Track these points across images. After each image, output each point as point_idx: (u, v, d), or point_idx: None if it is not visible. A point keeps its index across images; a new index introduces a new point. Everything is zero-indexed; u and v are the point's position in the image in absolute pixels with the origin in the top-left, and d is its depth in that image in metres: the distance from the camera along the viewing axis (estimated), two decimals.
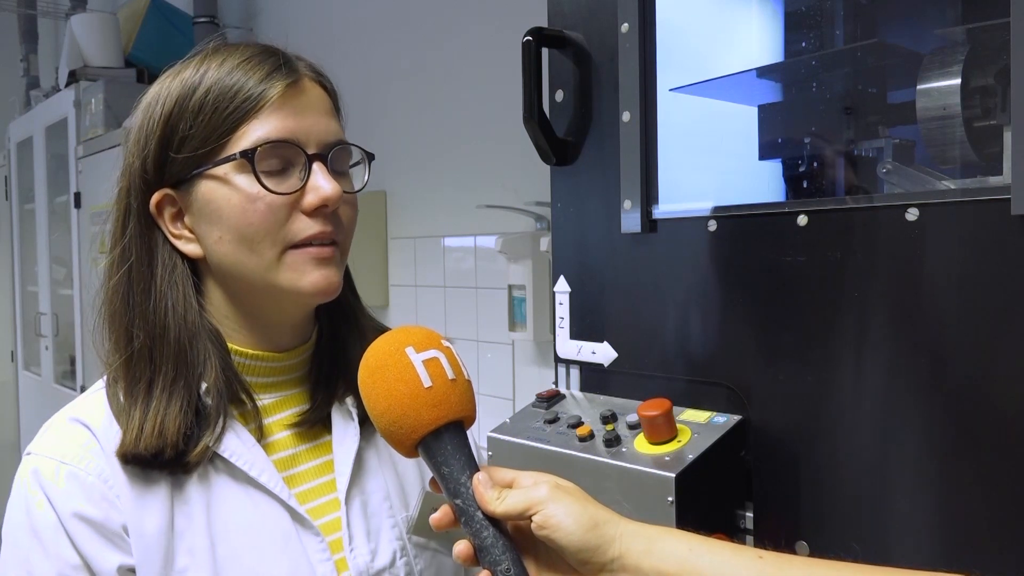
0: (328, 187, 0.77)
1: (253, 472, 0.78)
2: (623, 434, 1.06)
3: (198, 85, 0.77)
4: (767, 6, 1.26)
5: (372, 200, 2.80)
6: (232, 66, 0.77)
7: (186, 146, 0.77)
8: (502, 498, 0.63)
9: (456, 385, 0.66)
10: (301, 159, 0.77)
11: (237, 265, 0.78)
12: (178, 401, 0.76)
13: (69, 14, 3.84)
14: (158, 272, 0.80)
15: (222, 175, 0.76)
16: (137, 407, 0.76)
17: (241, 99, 0.76)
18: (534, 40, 1.20)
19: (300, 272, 0.78)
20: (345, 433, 0.85)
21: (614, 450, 1.05)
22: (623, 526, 0.64)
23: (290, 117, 0.77)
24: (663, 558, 0.62)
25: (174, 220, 0.80)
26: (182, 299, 0.79)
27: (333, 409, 0.86)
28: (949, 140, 0.98)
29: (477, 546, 0.63)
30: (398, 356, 0.66)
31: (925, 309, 0.89)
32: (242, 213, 0.76)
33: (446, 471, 0.65)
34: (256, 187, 0.76)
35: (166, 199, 0.79)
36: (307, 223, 0.77)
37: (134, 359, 0.78)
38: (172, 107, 0.77)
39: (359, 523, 0.83)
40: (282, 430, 0.83)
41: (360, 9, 2.89)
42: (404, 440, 0.66)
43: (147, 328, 0.78)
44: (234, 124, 0.76)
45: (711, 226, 1.08)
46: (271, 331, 0.84)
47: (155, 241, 0.80)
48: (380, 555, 0.83)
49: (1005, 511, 0.84)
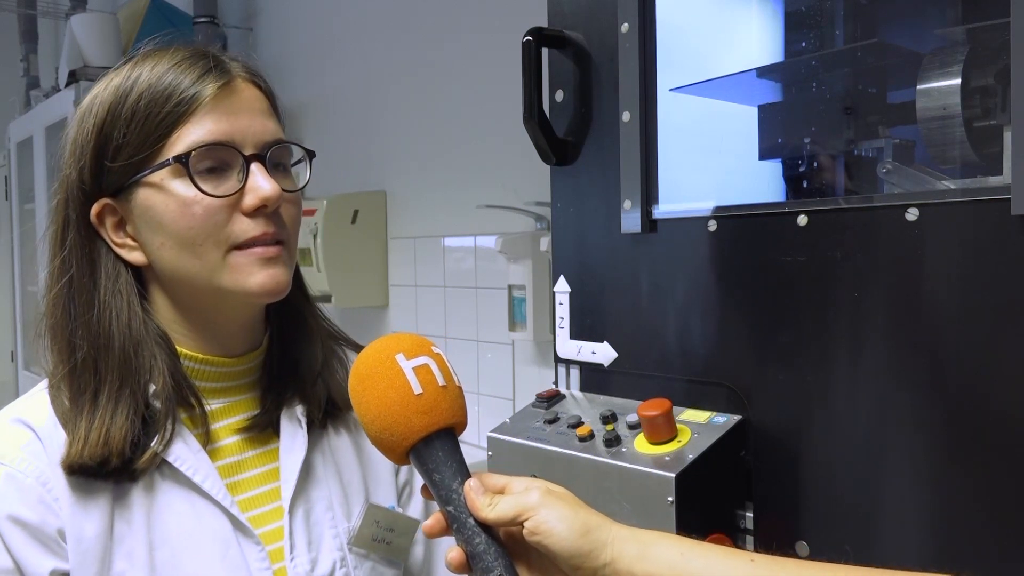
0: (267, 187, 0.76)
1: (196, 478, 0.77)
2: (623, 434, 1.06)
3: (130, 91, 0.76)
4: (767, 6, 1.26)
5: (372, 200, 2.80)
6: (163, 70, 0.76)
7: (121, 154, 0.76)
8: (493, 504, 0.63)
9: (447, 392, 0.66)
10: (238, 160, 0.76)
11: (181, 270, 0.78)
12: (124, 410, 0.75)
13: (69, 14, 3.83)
14: (101, 282, 0.79)
15: (158, 181, 0.76)
16: (83, 417, 0.75)
17: (174, 103, 0.75)
18: (534, 40, 1.20)
19: (246, 273, 0.77)
20: (293, 441, 0.85)
21: (614, 450, 1.05)
22: (615, 531, 0.63)
23: (224, 118, 0.76)
24: (655, 563, 0.62)
25: (116, 229, 0.79)
26: (126, 308, 0.78)
27: (283, 415, 0.85)
28: (949, 140, 0.98)
29: (469, 553, 0.63)
30: (388, 363, 0.66)
31: (925, 309, 0.89)
32: (180, 218, 0.75)
33: (437, 478, 0.65)
34: (192, 191, 0.75)
35: (106, 208, 0.78)
36: (249, 224, 0.77)
37: (78, 370, 0.77)
38: (105, 115, 0.76)
39: (301, 532, 0.82)
40: (229, 435, 0.83)
41: (360, 9, 2.89)
42: (395, 447, 0.66)
43: (90, 339, 0.77)
44: (167, 129, 0.75)
45: (711, 226, 1.08)
46: (220, 335, 0.83)
47: (97, 251, 0.79)
48: (320, 564, 0.82)
49: (1004, 511, 0.84)
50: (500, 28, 2.23)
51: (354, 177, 2.93)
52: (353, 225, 2.74)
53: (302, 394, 0.86)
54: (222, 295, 0.79)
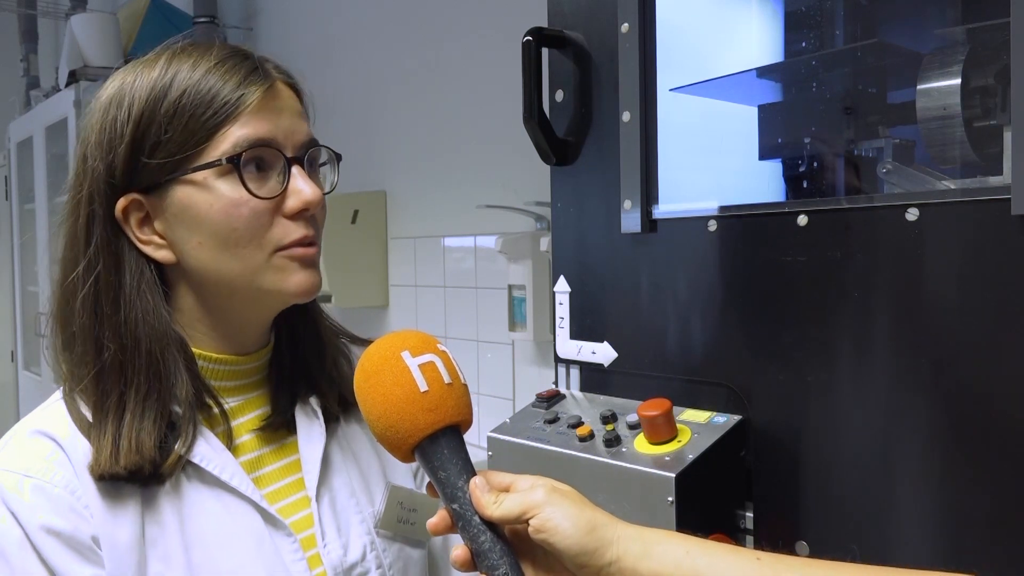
0: (309, 191, 0.77)
1: (224, 476, 0.77)
2: (623, 434, 1.06)
3: (168, 87, 0.75)
4: (767, 6, 1.26)
5: (372, 200, 2.80)
6: (205, 69, 0.76)
7: (160, 151, 0.75)
8: (499, 502, 0.63)
9: (452, 389, 0.66)
10: (280, 162, 0.77)
11: (218, 270, 0.77)
12: (151, 414, 0.75)
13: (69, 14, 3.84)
14: (127, 281, 0.77)
15: (201, 180, 0.75)
16: (109, 423, 0.74)
17: (219, 104, 0.74)
18: (534, 40, 1.20)
19: (286, 274, 0.78)
20: (311, 432, 0.85)
21: (614, 450, 1.05)
22: (620, 529, 0.63)
23: (268, 121, 0.76)
24: (660, 561, 0.62)
25: (140, 225, 0.78)
26: (152, 308, 0.77)
27: (297, 410, 0.86)
28: (949, 140, 0.98)
29: (474, 551, 0.63)
30: (394, 360, 0.66)
31: (925, 309, 0.89)
32: (226, 218, 0.75)
33: (443, 476, 0.65)
34: (239, 192, 0.75)
35: (133, 204, 0.77)
36: (290, 227, 0.77)
37: (105, 372, 0.76)
38: (142, 110, 0.75)
39: (329, 519, 0.83)
40: (246, 433, 0.83)
41: (360, 9, 2.89)
42: (400, 445, 0.66)
43: (118, 340, 0.76)
44: (212, 129, 0.74)
45: (711, 226, 1.08)
46: (239, 334, 0.83)
47: (121, 248, 0.78)
48: (351, 550, 0.83)
49: (1005, 511, 0.84)
50: (500, 28, 2.24)
51: (354, 177, 2.93)
52: (353, 225, 2.74)
53: (316, 389, 0.87)
54: (258, 295, 0.79)
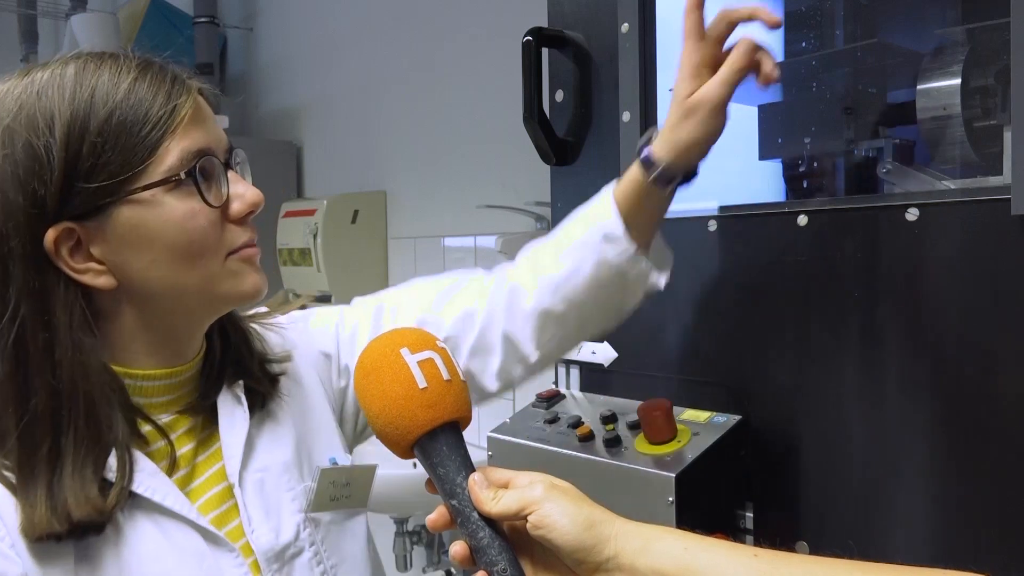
0: (251, 193, 0.78)
1: (157, 497, 0.74)
2: (623, 434, 1.06)
3: (91, 104, 0.71)
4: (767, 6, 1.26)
5: (372, 200, 2.80)
6: (128, 83, 0.72)
7: (99, 174, 0.70)
8: (497, 498, 0.63)
9: (451, 386, 0.66)
10: (217, 170, 0.76)
11: (174, 285, 0.75)
12: (91, 459, 0.70)
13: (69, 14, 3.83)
14: (58, 321, 0.71)
15: (149, 198, 0.72)
16: (40, 477, 0.68)
17: (154, 119, 0.72)
18: (534, 40, 1.20)
19: (240, 277, 0.78)
20: (233, 418, 0.82)
21: (614, 450, 1.05)
22: (619, 525, 0.64)
23: (201, 130, 0.75)
24: (659, 557, 0.62)
25: (72, 255, 0.72)
26: (88, 346, 0.72)
27: (219, 399, 0.83)
28: (949, 140, 0.98)
29: (473, 547, 0.63)
30: (393, 357, 0.66)
31: (925, 309, 0.89)
32: (183, 232, 0.73)
33: (442, 472, 0.65)
34: (189, 204, 0.73)
35: (63, 234, 0.71)
36: (237, 231, 0.77)
37: (32, 423, 0.69)
38: (68, 131, 0.69)
39: (256, 504, 0.80)
40: (182, 446, 0.80)
41: (360, 9, 2.89)
42: (400, 441, 0.66)
43: (48, 387, 0.70)
44: (152, 146, 0.72)
45: (711, 226, 1.08)
46: (181, 345, 0.80)
47: (49, 286, 0.71)
48: (283, 531, 0.81)
49: (1005, 510, 0.84)
50: (500, 28, 2.24)
51: (354, 177, 2.93)
52: (353, 225, 2.74)
53: (247, 373, 0.85)
54: (213, 303, 0.79)
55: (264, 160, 3.08)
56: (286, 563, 0.81)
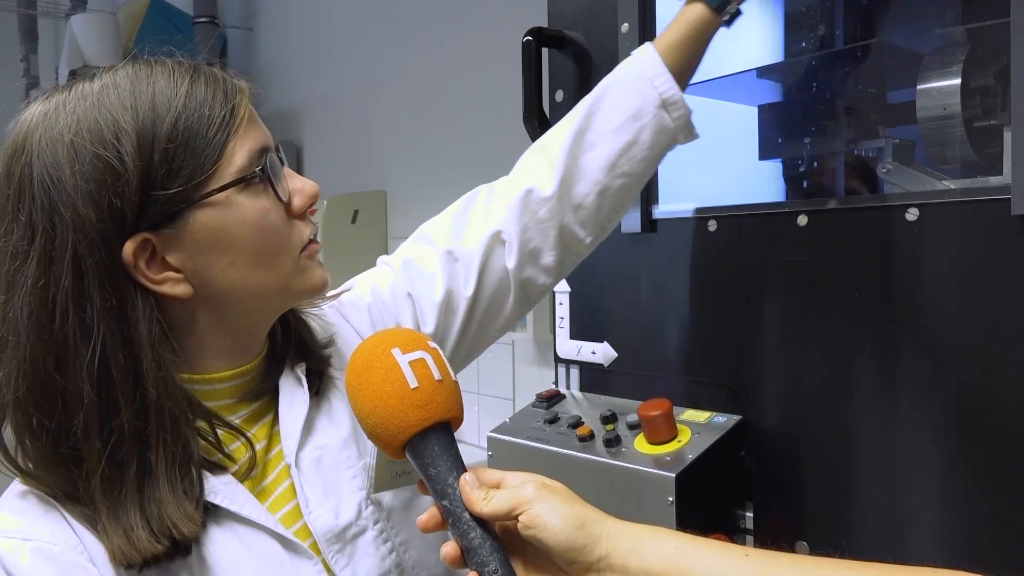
0: (309, 186, 0.77)
1: (234, 507, 0.73)
2: (623, 434, 1.06)
3: (155, 110, 0.69)
4: (767, 6, 1.26)
5: (372, 200, 2.80)
6: (185, 87, 0.71)
7: (174, 180, 0.69)
8: (489, 498, 0.63)
9: (443, 386, 0.66)
10: (278, 167, 0.75)
11: (252, 285, 0.74)
12: (183, 474, 0.69)
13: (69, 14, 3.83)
14: (142, 336, 0.69)
15: (224, 199, 0.71)
16: (130, 502, 0.67)
17: (218, 120, 0.71)
18: (534, 40, 1.20)
19: (309, 272, 0.77)
20: (293, 399, 0.81)
21: (614, 450, 1.05)
22: (610, 525, 0.64)
23: (258, 128, 0.75)
24: (650, 557, 0.62)
25: (148, 265, 0.70)
26: (167, 359, 0.70)
27: (281, 379, 0.81)
28: (949, 140, 0.98)
29: (464, 547, 0.63)
30: (384, 357, 0.66)
31: (925, 309, 0.89)
32: (259, 231, 0.73)
33: (433, 472, 0.65)
34: (261, 202, 0.73)
35: (140, 245, 0.69)
36: (301, 226, 0.77)
37: (118, 447, 0.67)
38: (139, 139, 0.68)
39: (314, 484, 0.78)
40: (259, 442, 0.79)
41: (360, 9, 2.89)
42: (391, 441, 0.66)
43: (133, 407, 0.68)
44: (219, 147, 0.71)
45: (711, 226, 1.08)
46: (251, 345, 0.80)
47: (126, 301, 0.69)
48: (344, 511, 0.79)
49: (1005, 509, 0.84)
50: (500, 28, 2.24)
51: (354, 177, 2.93)
52: (353, 225, 2.74)
53: (308, 356, 0.84)
54: (287, 300, 0.78)
55: None
56: (348, 543, 0.79)
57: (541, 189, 0.92)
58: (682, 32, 0.92)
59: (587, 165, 0.92)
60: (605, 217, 0.94)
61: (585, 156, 0.92)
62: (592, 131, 0.93)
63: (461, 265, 0.93)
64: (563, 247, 0.94)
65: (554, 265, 0.94)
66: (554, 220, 0.92)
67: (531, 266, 0.93)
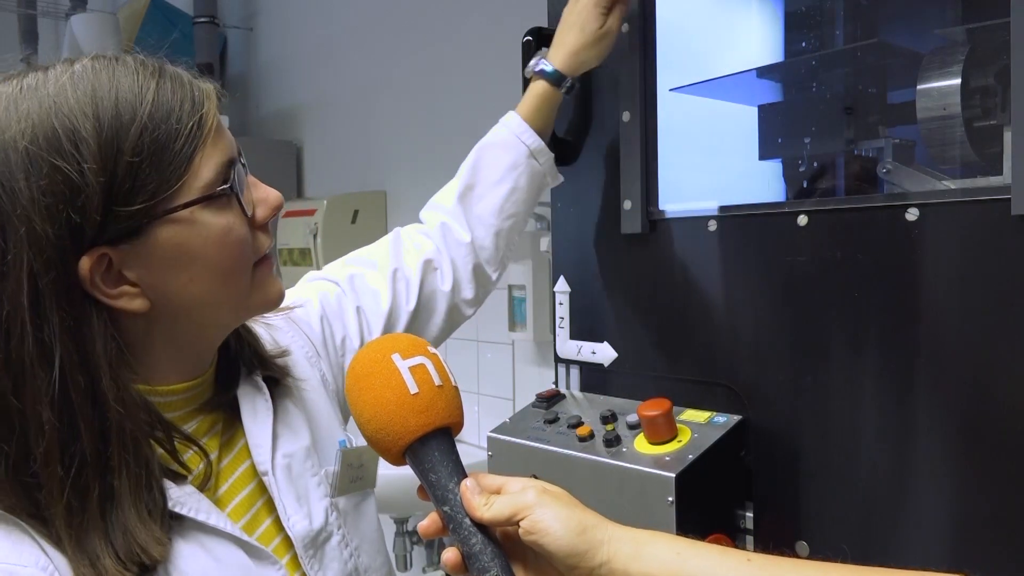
0: (273, 196, 0.75)
1: (200, 516, 0.71)
2: (623, 434, 1.06)
3: (121, 121, 0.65)
4: (767, 6, 1.26)
5: (372, 200, 2.80)
6: (151, 93, 0.67)
7: (138, 195, 0.65)
8: (489, 504, 0.63)
9: (443, 391, 0.66)
10: (242, 176, 0.73)
11: (209, 302, 0.72)
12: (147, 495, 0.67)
13: (69, 14, 3.83)
14: (99, 355, 0.66)
15: (187, 216, 0.68)
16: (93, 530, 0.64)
17: (186, 131, 0.67)
18: (534, 40, 1.19)
19: (266, 286, 0.76)
20: (255, 408, 0.80)
21: (614, 450, 1.05)
22: (611, 530, 0.64)
23: (224, 138, 0.71)
24: (651, 562, 0.62)
25: (105, 279, 0.67)
26: (125, 377, 0.67)
27: (239, 390, 0.80)
28: (949, 140, 0.98)
29: (465, 553, 0.63)
30: (384, 363, 0.66)
31: (925, 309, 0.89)
32: (223, 248, 0.70)
33: (433, 478, 0.65)
34: (224, 218, 0.70)
35: (97, 261, 0.65)
36: (260, 237, 0.75)
37: (80, 473, 0.64)
38: (101, 150, 0.63)
39: (288, 491, 0.79)
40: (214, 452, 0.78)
41: (360, 8, 2.89)
42: (391, 447, 0.66)
43: (93, 431, 0.65)
44: (187, 160, 0.67)
45: (711, 226, 1.08)
46: (204, 357, 0.78)
47: (83, 319, 0.65)
48: (315, 516, 0.80)
49: (1005, 511, 0.84)
50: (499, 27, 2.24)
51: (354, 177, 2.93)
52: (353, 225, 2.74)
53: (259, 363, 0.83)
54: (243, 313, 0.77)
55: (264, 160, 3.08)
56: (319, 548, 0.80)
57: (456, 235, 1.09)
58: (534, 103, 1.11)
59: (481, 213, 1.09)
60: (503, 255, 1.13)
61: (478, 207, 1.10)
62: (479, 185, 1.11)
63: (403, 284, 1.04)
64: (478, 283, 1.10)
65: (473, 297, 1.10)
66: (470, 259, 1.09)
67: (457, 294, 1.09)
